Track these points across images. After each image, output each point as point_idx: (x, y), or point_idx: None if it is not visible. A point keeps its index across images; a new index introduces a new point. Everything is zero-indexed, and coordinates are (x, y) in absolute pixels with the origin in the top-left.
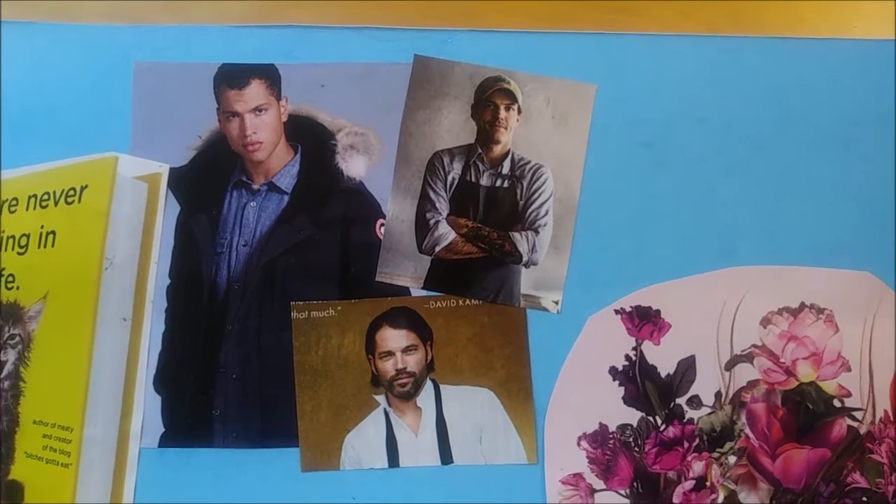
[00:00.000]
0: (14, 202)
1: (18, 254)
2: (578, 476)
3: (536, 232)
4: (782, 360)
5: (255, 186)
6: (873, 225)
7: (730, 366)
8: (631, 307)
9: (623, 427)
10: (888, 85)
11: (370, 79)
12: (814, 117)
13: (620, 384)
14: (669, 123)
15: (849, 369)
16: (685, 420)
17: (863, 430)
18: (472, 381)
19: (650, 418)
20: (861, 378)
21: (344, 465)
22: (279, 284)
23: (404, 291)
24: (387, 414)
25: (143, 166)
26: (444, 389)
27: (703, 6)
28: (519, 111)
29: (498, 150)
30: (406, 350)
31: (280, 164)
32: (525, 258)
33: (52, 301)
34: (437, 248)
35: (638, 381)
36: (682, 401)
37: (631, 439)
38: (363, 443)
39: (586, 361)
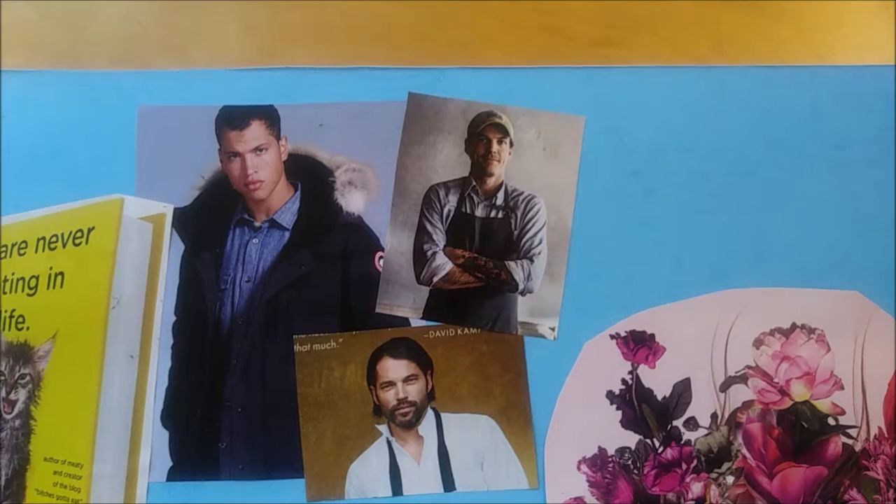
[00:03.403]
0: (23, 245)
1: (28, 295)
2: (579, 500)
3: (531, 261)
4: (776, 380)
5: (257, 224)
6: (860, 245)
7: (724, 387)
8: (626, 332)
9: (622, 450)
10: (871, 108)
11: (366, 117)
12: (798, 142)
13: (618, 408)
14: (657, 152)
15: (842, 388)
16: (682, 442)
17: (858, 448)
18: (473, 408)
19: (648, 441)
20: (854, 396)
21: (349, 494)
22: (282, 318)
23: (404, 322)
24: (389, 443)
25: (148, 207)
26: (445, 417)
27: (687, 37)
28: (511, 144)
29: (492, 182)
30: (407, 380)
31: (281, 201)
32: (521, 286)
33: (61, 340)
34: (435, 279)
35: (635, 404)
36: (678, 423)
37: (630, 462)
38: (367, 472)
39: (584, 386)
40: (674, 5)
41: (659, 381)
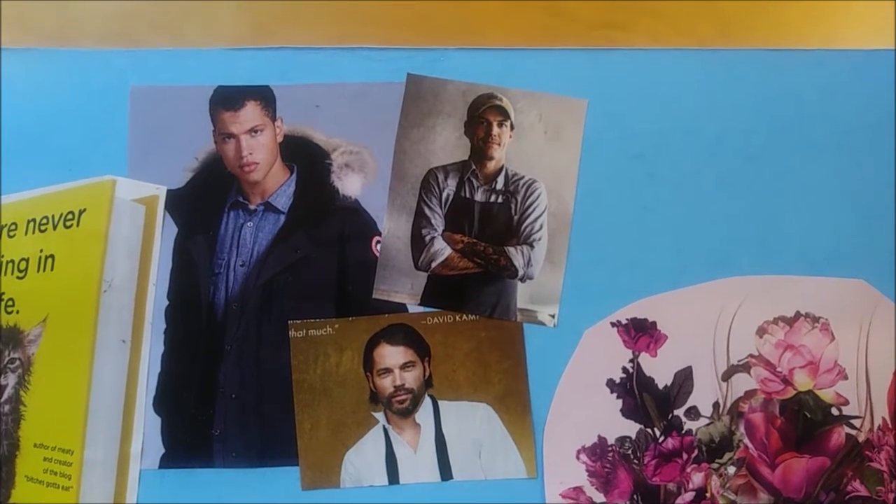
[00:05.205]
0: (13, 227)
1: (18, 278)
2: (578, 489)
3: (531, 246)
4: (779, 369)
5: (252, 207)
6: (866, 233)
7: (727, 376)
8: (627, 319)
9: (622, 439)
10: (879, 93)
11: (364, 98)
12: (804, 127)
13: (618, 396)
14: (661, 136)
15: (845, 377)
16: (684, 431)
17: (861, 438)
18: (471, 396)
19: (649, 430)
20: (858, 386)
21: (344, 482)
22: (277, 304)
23: (401, 308)
24: (386, 431)
25: (141, 189)
26: (443, 405)
27: (692, 19)
28: (512, 127)
29: (492, 166)
30: (404, 366)
31: (276, 184)
32: (521, 272)
33: (51, 324)
34: (434, 265)
35: (636, 393)
36: (680, 412)
37: (630, 451)
38: (363, 460)
39: (584, 374)
40: None
41: (660, 369)
